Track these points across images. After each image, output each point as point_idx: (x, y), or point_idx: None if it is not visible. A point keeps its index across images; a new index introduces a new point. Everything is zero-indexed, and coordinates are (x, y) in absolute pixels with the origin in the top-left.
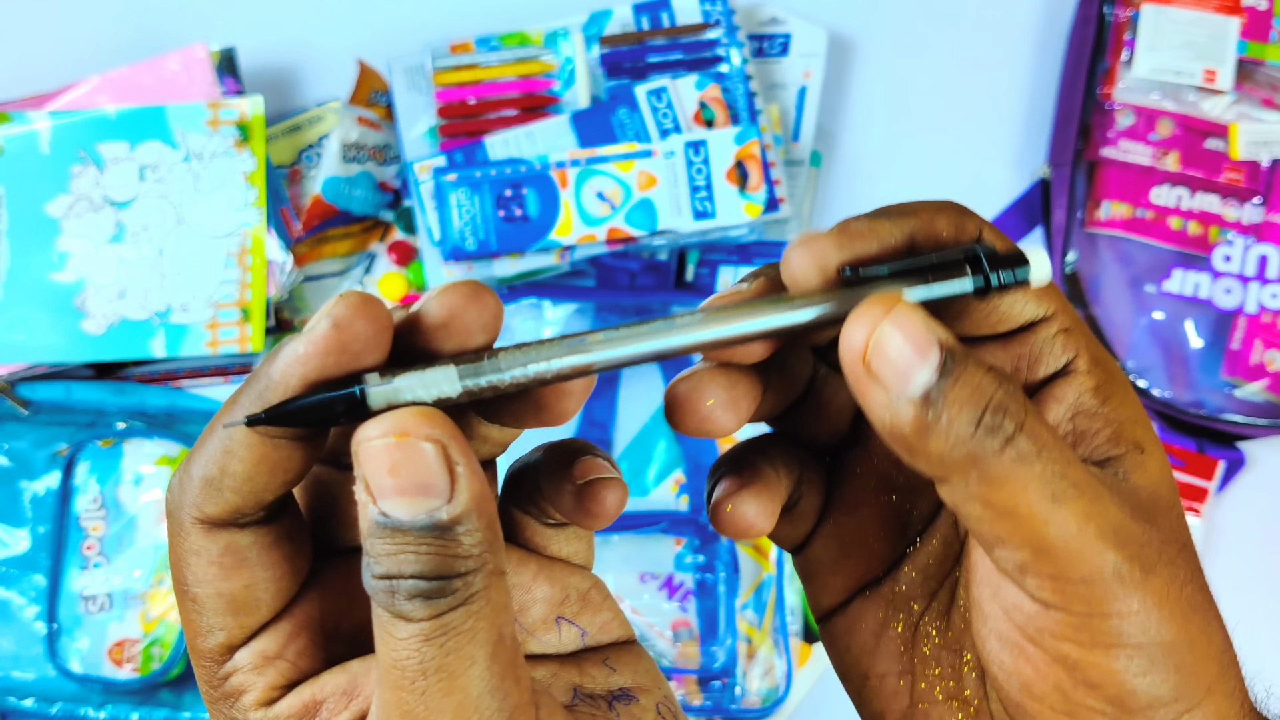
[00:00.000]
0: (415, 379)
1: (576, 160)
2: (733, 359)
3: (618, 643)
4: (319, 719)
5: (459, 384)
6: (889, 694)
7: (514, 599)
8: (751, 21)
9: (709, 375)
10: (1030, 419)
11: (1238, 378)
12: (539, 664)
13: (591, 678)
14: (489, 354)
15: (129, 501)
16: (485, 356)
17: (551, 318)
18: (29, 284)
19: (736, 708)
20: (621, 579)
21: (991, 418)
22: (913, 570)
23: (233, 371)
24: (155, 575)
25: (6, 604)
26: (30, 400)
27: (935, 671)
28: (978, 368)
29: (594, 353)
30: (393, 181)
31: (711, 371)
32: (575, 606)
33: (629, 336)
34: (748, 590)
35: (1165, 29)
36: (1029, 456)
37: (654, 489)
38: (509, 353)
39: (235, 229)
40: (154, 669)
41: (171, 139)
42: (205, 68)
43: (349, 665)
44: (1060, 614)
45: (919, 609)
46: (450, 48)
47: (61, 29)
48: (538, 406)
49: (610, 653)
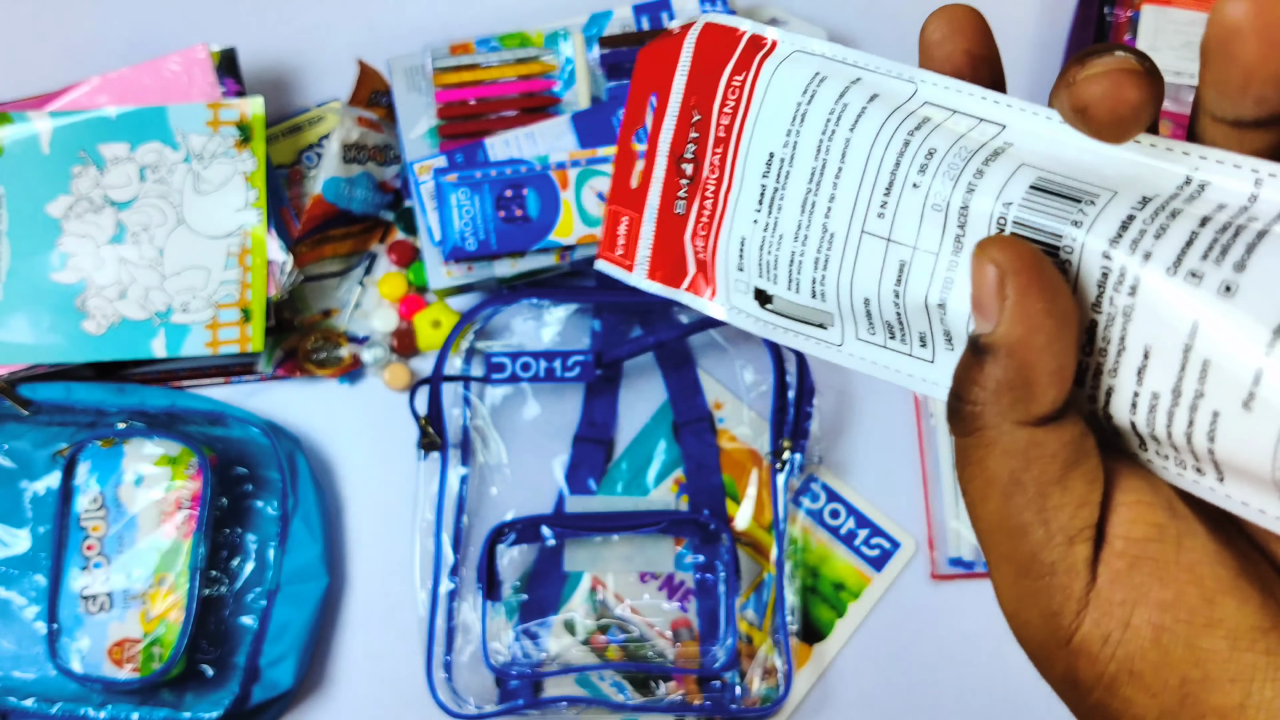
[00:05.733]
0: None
1: (577, 160)
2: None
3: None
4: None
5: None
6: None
7: None
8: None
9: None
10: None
11: None
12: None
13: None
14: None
15: (129, 501)
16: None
17: (552, 318)
18: (29, 284)
19: (736, 708)
20: (621, 579)
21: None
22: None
23: (233, 371)
24: (155, 575)
25: (7, 604)
26: (30, 400)
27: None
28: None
29: None
30: (393, 182)
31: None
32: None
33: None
34: (748, 590)
35: (1165, 29)
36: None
37: (654, 489)
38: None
39: (235, 229)
40: (154, 669)
41: (172, 139)
42: (205, 68)
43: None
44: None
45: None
46: (450, 48)
47: (61, 29)
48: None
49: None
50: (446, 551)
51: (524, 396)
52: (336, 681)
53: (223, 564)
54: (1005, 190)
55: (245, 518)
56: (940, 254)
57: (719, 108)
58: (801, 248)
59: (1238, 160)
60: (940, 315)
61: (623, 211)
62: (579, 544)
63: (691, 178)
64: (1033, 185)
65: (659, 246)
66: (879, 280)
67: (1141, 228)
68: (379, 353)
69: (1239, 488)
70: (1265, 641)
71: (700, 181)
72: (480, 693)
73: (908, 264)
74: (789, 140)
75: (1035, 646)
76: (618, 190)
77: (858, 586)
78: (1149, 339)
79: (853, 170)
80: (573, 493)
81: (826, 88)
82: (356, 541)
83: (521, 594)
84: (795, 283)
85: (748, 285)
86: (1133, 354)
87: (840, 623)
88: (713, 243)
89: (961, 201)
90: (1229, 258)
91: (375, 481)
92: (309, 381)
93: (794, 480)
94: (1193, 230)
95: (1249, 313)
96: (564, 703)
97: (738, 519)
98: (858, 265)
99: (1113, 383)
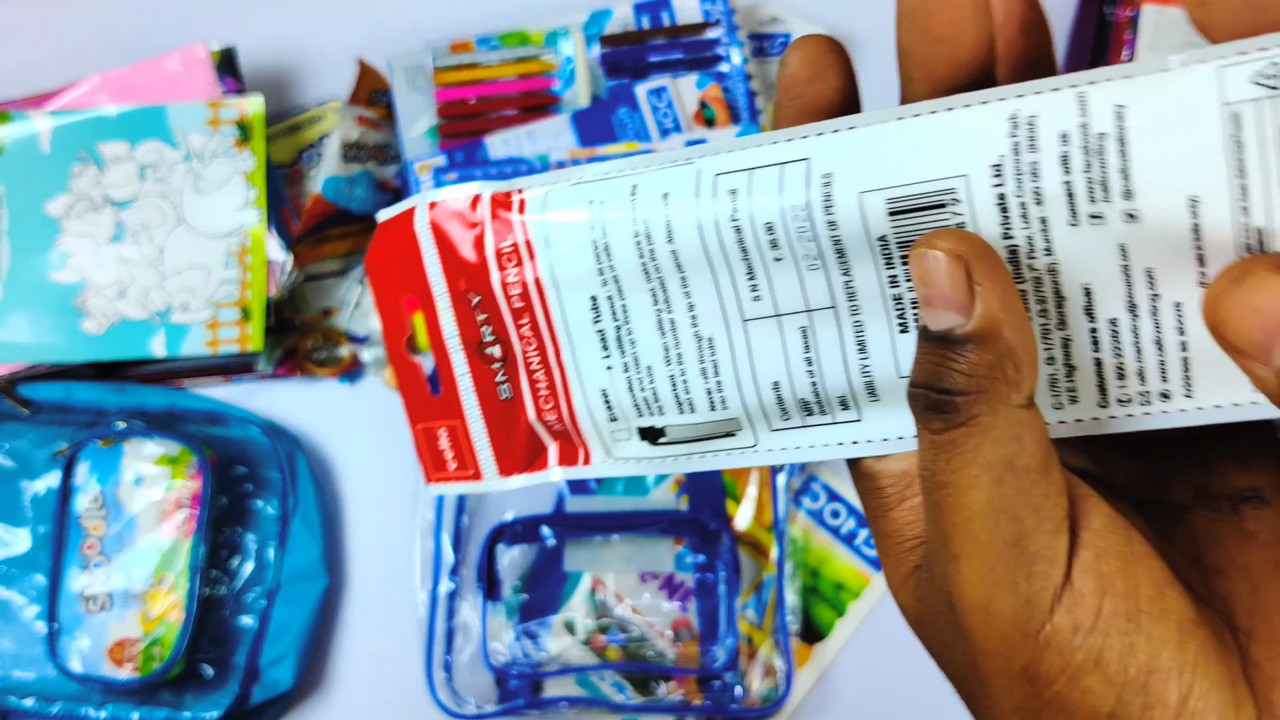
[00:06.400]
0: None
1: (577, 160)
2: None
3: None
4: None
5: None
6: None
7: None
8: (752, 21)
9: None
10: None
11: None
12: (1165, 457)
13: (1221, 475)
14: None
15: (129, 501)
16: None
17: None
18: (29, 283)
19: (736, 708)
20: (621, 579)
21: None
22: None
23: (233, 371)
24: (155, 575)
25: (6, 604)
26: (30, 400)
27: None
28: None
29: None
30: (393, 181)
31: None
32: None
33: None
34: (748, 590)
35: (1166, 29)
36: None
37: (654, 489)
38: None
39: (235, 228)
40: (154, 669)
41: (172, 138)
42: (205, 67)
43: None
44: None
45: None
46: (450, 47)
47: (61, 29)
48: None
49: (1248, 448)
50: (446, 551)
51: None
52: (336, 681)
53: (223, 564)
54: (869, 224)
55: (245, 517)
56: (838, 306)
57: (501, 281)
58: (680, 368)
59: (1048, 83)
60: (861, 364)
61: (436, 424)
62: (579, 544)
63: (504, 358)
64: (890, 212)
65: (500, 441)
66: (785, 358)
67: (1018, 197)
68: (379, 352)
69: (1209, 391)
70: (1200, 633)
71: (516, 358)
72: (480, 693)
73: (809, 328)
74: (604, 278)
75: (997, 640)
76: (418, 406)
77: (858, 586)
78: (1084, 279)
79: (699, 274)
80: (573, 493)
81: (613, 211)
82: (356, 541)
83: (521, 594)
84: (687, 403)
85: (630, 431)
86: (1074, 299)
87: (841, 623)
88: (567, 410)
89: (834, 248)
90: (1113, 189)
91: (375, 481)
92: (309, 381)
93: (794, 480)
94: (1064, 179)
95: (1161, 217)
96: (564, 703)
97: (738, 519)
98: (754, 355)
99: (1065, 334)
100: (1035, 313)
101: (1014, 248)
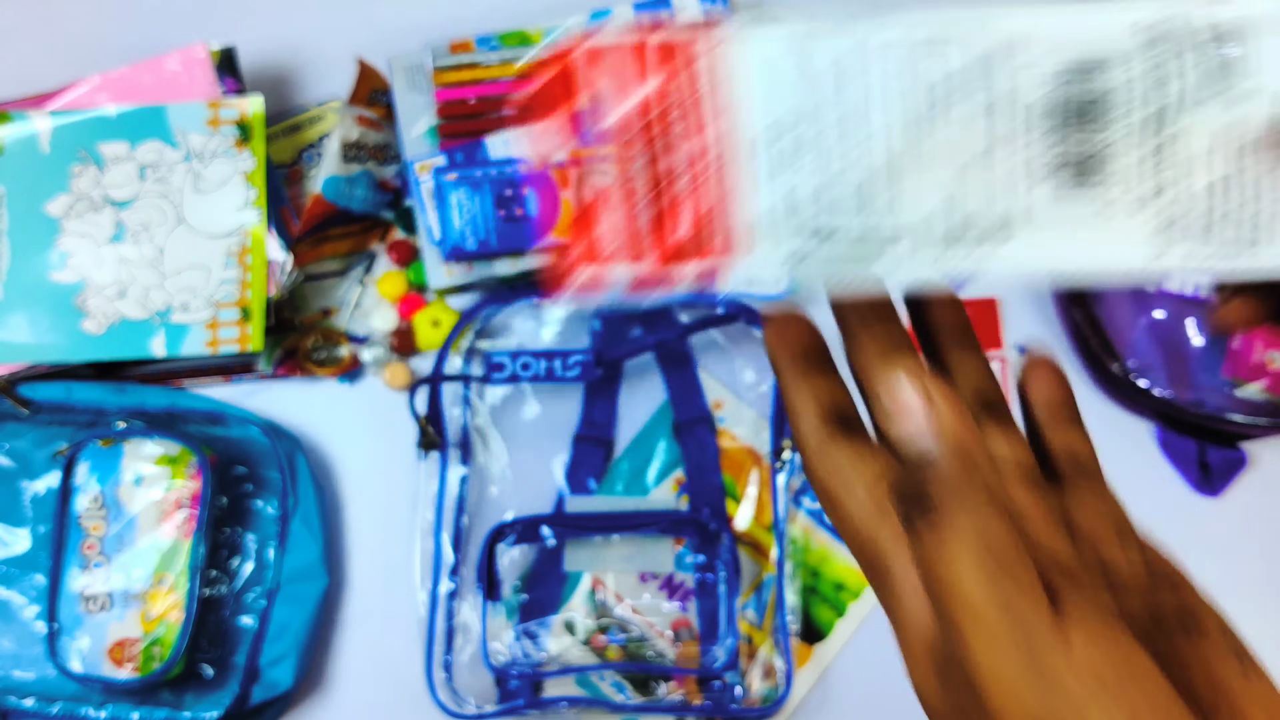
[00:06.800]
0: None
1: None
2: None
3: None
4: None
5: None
6: None
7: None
8: None
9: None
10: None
11: (1238, 377)
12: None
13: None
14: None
15: (129, 501)
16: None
17: (551, 317)
18: (29, 284)
19: (736, 708)
20: (621, 579)
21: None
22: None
23: (233, 371)
24: (155, 575)
25: (6, 604)
26: (30, 400)
27: None
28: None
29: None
30: (393, 181)
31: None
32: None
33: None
34: (748, 590)
35: None
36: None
37: (654, 489)
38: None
39: (235, 228)
40: (154, 669)
41: (172, 138)
42: (205, 67)
43: None
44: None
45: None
46: (450, 47)
47: (61, 29)
48: None
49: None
50: (446, 551)
51: (524, 396)
52: (336, 681)
53: (222, 564)
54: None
55: (245, 517)
56: (1015, 136)
57: (687, 83)
58: (868, 174)
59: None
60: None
61: (592, 218)
62: (579, 544)
63: (672, 168)
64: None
65: (663, 232)
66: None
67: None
68: (379, 352)
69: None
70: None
71: (695, 160)
72: (480, 693)
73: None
74: (810, 95)
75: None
76: (581, 212)
77: (858, 586)
78: (1206, 146)
79: (893, 96)
80: (573, 493)
81: (822, 43)
82: (356, 541)
83: (521, 594)
84: (866, 205)
85: (808, 227)
86: (1196, 159)
87: (840, 623)
88: (731, 208)
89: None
90: (1235, 73)
91: (375, 481)
92: (309, 381)
93: (794, 480)
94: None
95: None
96: (564, 703)
97: (738, 519)
98: (931, 171)
99: (1176, 190)
100: (1162, 169)
101: (1164, 106)
